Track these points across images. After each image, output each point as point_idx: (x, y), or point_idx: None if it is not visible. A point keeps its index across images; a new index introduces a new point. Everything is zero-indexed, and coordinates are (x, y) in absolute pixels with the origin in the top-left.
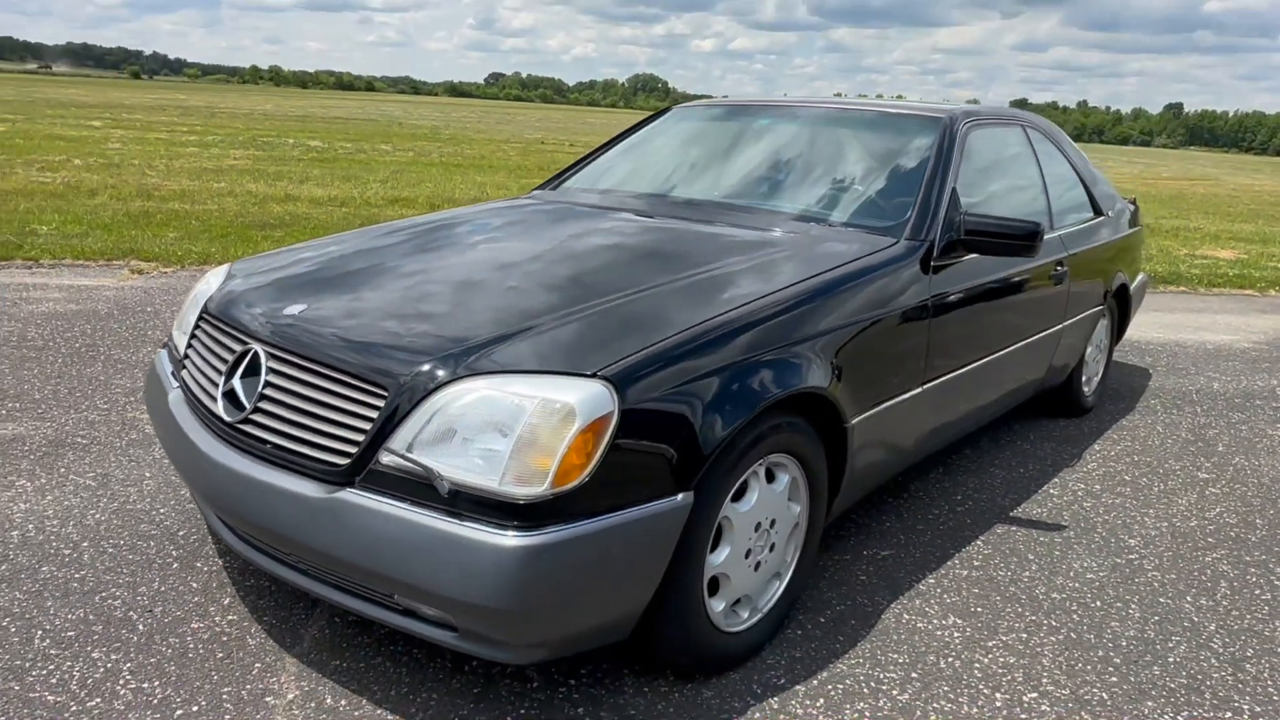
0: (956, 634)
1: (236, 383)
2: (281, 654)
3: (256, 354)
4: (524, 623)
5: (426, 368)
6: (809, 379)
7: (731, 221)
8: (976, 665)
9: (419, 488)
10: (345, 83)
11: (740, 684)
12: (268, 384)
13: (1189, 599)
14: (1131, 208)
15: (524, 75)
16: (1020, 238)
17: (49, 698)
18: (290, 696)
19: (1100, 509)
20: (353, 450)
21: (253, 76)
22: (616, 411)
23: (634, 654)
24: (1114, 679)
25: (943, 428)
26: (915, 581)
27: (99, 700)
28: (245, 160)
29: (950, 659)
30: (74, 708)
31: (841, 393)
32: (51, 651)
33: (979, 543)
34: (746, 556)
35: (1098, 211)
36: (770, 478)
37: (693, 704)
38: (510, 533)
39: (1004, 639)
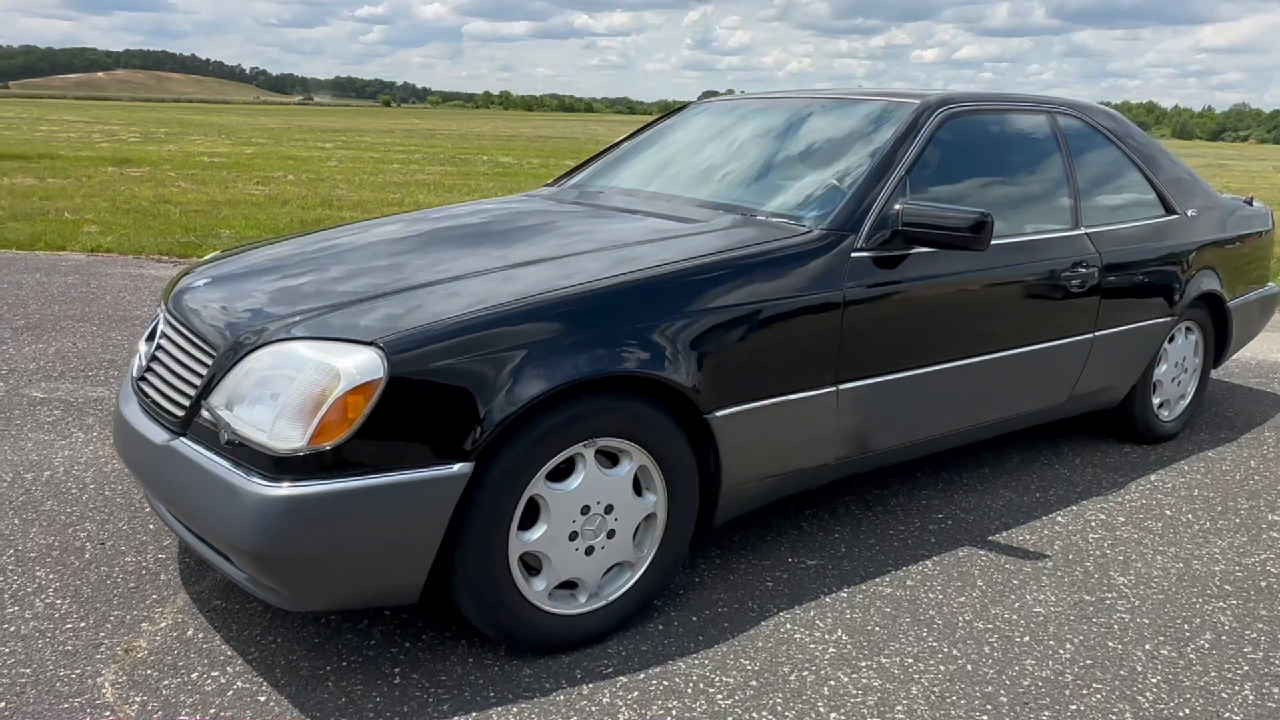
0: (832, 649)
1: (141, 345)
2: (179, 590)
3: (158, 322)
4: (287, 570)
5: (245, 334)
6: (636, 363)
7: (649, 211)
8: (830, 683)
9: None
10: (567, 105)
11: (566, 666)
12: (159, 347)
13: (1147, 647)
14: (1248, 208)
15: (737, 92)
16: (960, 229)
17: None
18: (162, 625)
19: (1106, 543)
20: (186, 404)
21: (484, 102)
22: (386, 377)
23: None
24: (984, 718)
25: (884, 437)
26: (824, 594)
27: (16, 608)
28: (435, 175)
29: (805, 673)
30: None
31: (703, 382)
32: (9, 567)
33: (927, 563)
34: (572, 539)
35: (1169, 210)
36: (612, 462)
37: (508, 679)
38: (283, 484)
39: (883, 661)
